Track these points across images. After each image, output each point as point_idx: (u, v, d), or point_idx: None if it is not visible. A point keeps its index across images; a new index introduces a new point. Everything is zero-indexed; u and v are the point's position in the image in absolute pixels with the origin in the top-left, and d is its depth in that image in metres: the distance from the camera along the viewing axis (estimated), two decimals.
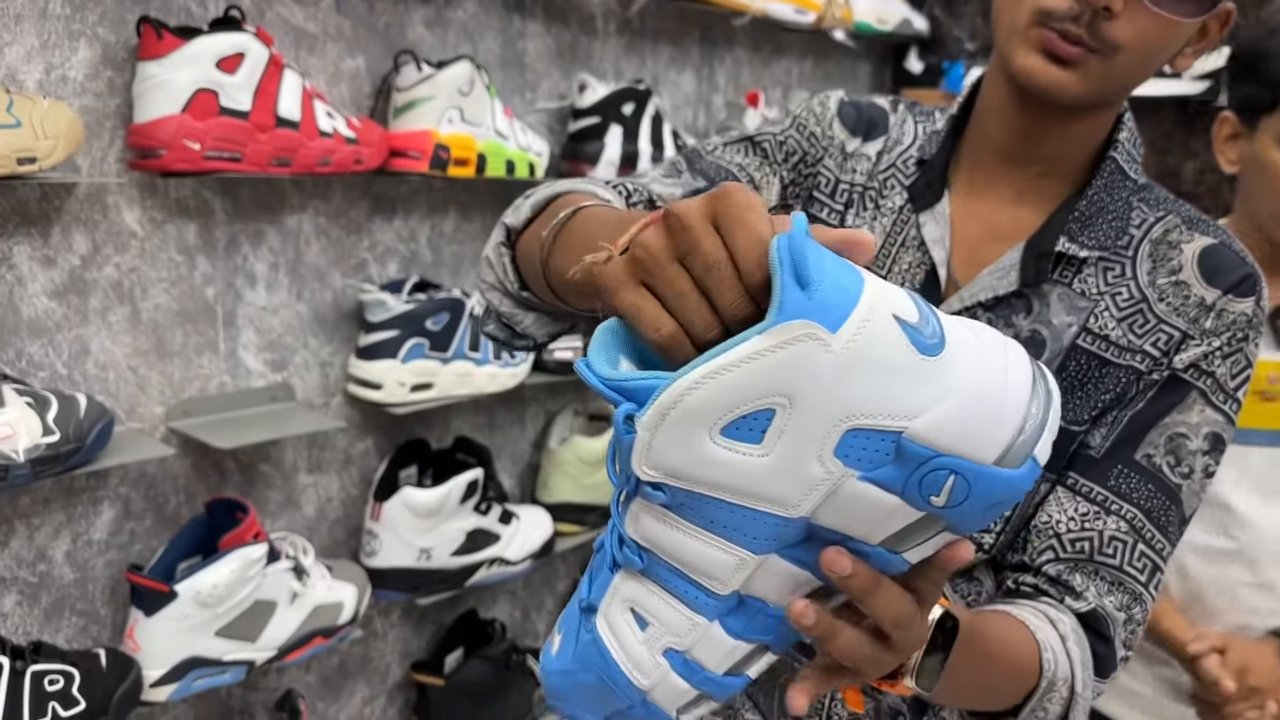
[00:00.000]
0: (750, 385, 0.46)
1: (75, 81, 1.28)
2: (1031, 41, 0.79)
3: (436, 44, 1.66)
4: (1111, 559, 0.82)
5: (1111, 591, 0.83)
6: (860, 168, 0.93)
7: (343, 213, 1.59)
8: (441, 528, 1.63)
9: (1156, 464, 0.83)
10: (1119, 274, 0.86)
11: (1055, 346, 0.85)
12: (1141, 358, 0.84)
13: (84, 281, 1.32)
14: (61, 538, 1.36)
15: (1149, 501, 0.83)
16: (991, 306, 0.86)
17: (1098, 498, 0.84)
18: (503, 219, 0.77)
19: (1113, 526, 0.83)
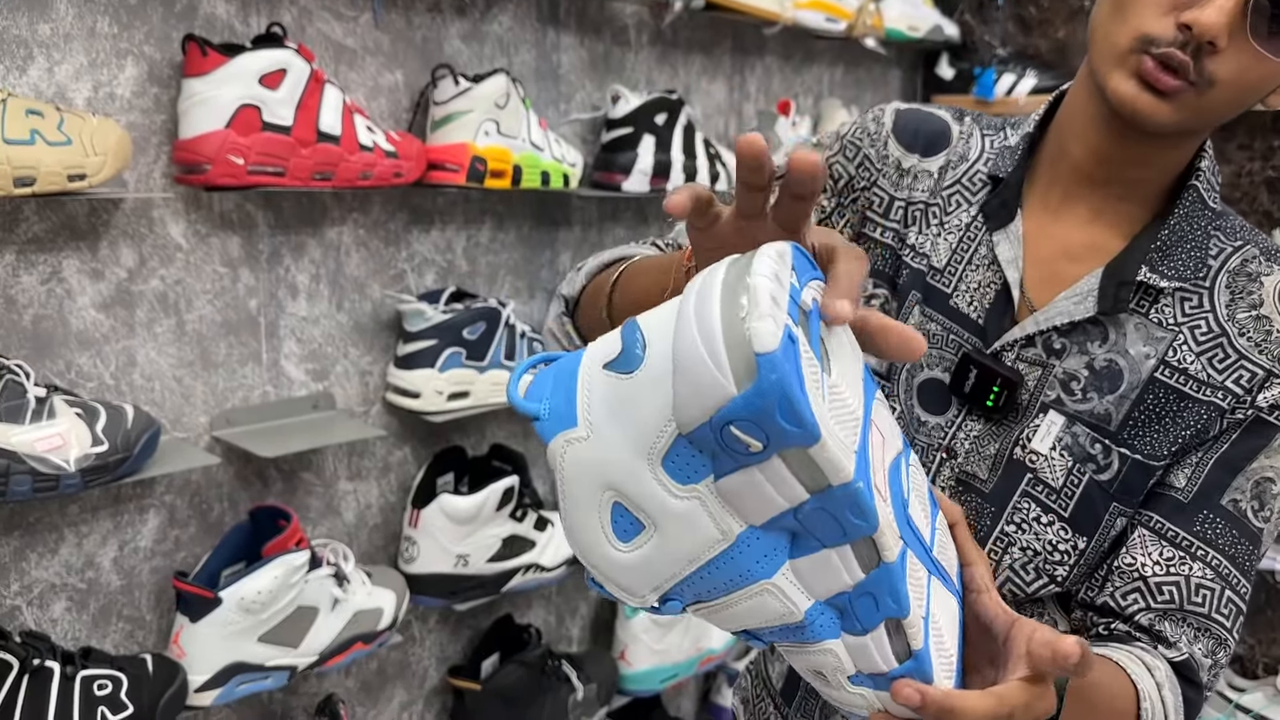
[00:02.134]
0: (586, 496, 0.53)
1: (122, 99, 1.31)
2: (1129, 67, 0.78)
3: (473, 57, 1.69)
4: (1200, 608, 0.82)
5: (1199, 638, 0.82)
6: (922, 185, 0.91)
7: (381, 224, 1.61)
8: (478, 534, 1.65)
9: (1242, 509, 0.83)
10: (1196, 305, 0.84)
11: (1133, 378, 0.84)
12: (1224, 394, 0.83)
13: (130, 294, 1.35)
14: (109, 545, 1.39)
15: (1234, 548, 0.83)
16: (1066, 332, 0.86)
17: (1183, 543, 0.83)
18: (559, 291, 0.82)
19: (1199, 573, 0.82)
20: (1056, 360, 0.86)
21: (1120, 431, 0.85)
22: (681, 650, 2.08)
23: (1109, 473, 0.85)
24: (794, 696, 1.03)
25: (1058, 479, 0.86)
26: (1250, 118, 2.37)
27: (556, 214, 1.89)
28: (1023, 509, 0.86)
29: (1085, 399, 0.85)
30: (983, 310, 0.89)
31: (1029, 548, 0.87)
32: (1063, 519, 0.86)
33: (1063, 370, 0.86)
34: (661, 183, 1.88)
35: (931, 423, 0.90)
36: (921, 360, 0.91)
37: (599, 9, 1.88)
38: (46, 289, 1.28)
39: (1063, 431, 0.85)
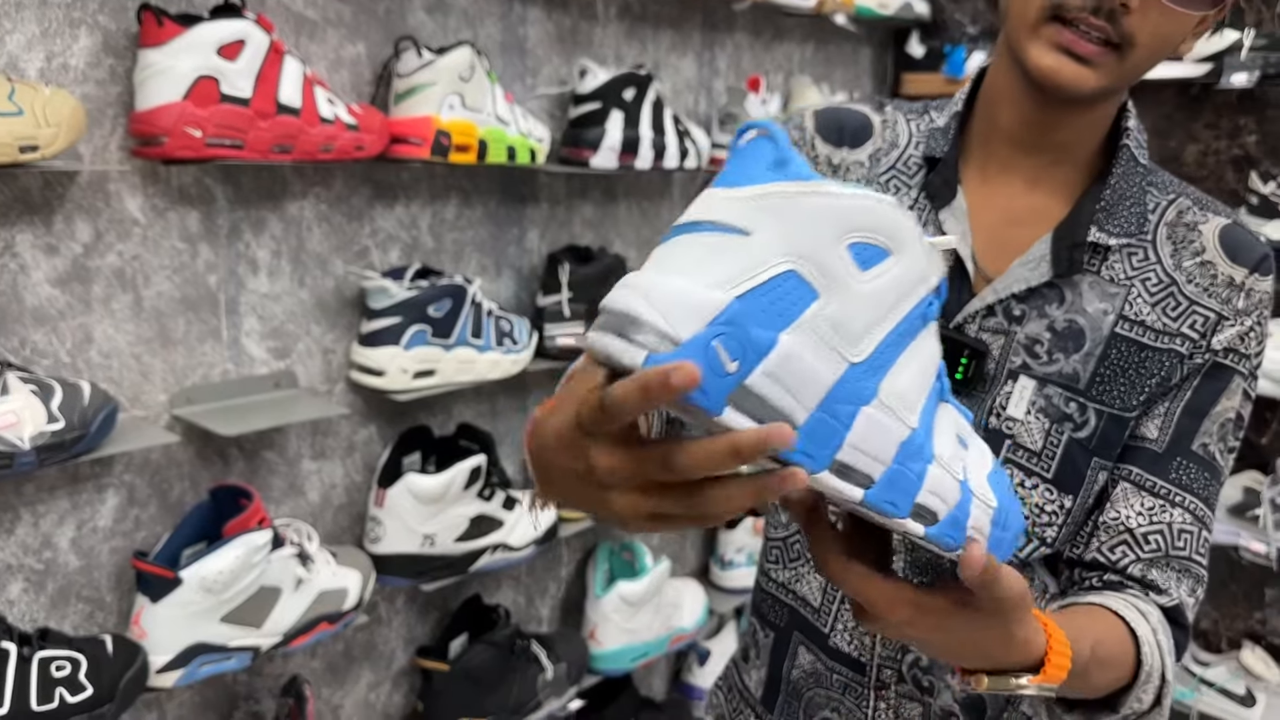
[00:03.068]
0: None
1: (77, 69, 1.28)
2: (1046, 38, 0.79)
3: (437, 30, 1.66)
4: (1183, 551, 0.86)
5: (1183, 580, 0.87)
6: (855, 175, 0.93)
7: (344, 199, 1.59)
8: (445, 514, 1.64)
9: (1211, 451, 0.87)
10: (1143, 259, 0.87)
11: (1095, 336, 0.86)
12: (1181, 340, 0.86)
13: (87, 269, 1.33)
14: (67, 525, 1.37)
15: (1205, 489, 0.87)
16: (1025, 298, 0.87)
17: (1161, 491, 0.87)
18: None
19: (1179, 518, 0.86)
20: (1018, 327, 0.87)
21: (1090, 388, 0.86)
22: (652, 629, 2.08)
23: (1087, 429, 0.87)
24: (775, 702, 1.03)
25: (1037, 442, 0.87)
26: (1217, 96, 2.38)
27: (524, 190, 1.87)
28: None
29: (1052, 360, 0.87)
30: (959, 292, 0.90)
31: None
32: (1046, 480, 0.88)
33: (1025, 335, 0.87)
34: (630, 158, 1.86)
35: None
36: None
37: None
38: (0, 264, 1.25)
39: (1035, 395, 0.87)
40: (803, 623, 1.00)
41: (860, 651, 0.96)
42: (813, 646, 0.99)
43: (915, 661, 0.94)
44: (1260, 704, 2.31)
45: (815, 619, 0.99)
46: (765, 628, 1.04)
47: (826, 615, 0.98)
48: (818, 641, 0.99)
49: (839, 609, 0.97)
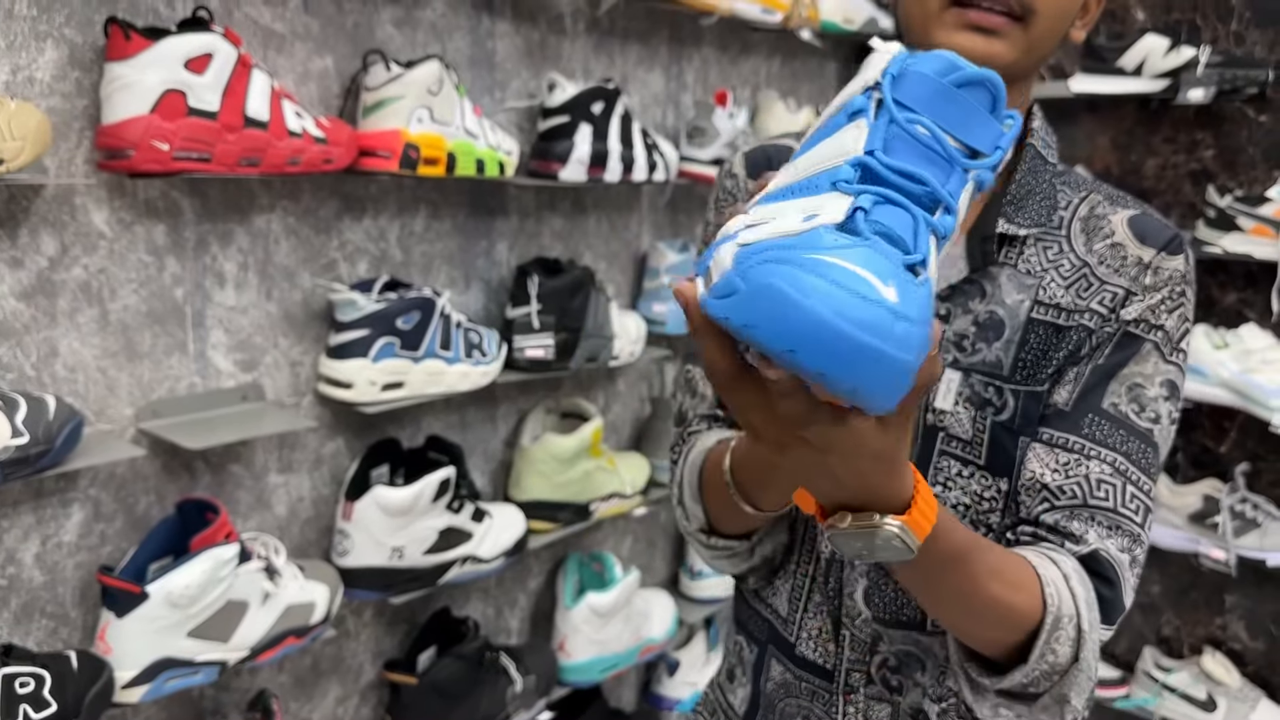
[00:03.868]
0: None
1: (42, 83, 1.27)
2: (949, 22, 0.83)
3: (405, 43, 1.67)
4: (1105, 502, 0.85)
5: (1111, 535, 0.84)
6: None
7: (312, 212, 1.59)
8: (413, 526, 1.64)
9: (1123, 411, 0.87)
10: (1057, 251, 0.91)
11: (1013, 323, 0.90)
12: (1090, 315, 0.89)
13: (52, 283, 1.32)
14: (31, 540, 1.36)
15: (1125, 445, 0.86)
16: (947, 296, 0.91)
17: (1075, 446, 0.87)
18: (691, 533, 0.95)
19: (1096, 470, 0.85)
20: (946, 325, 0.91)
21: (1014, 375, 0.89)
22: (621, 640, 2.08)
23: (1007, 411, 0.89)
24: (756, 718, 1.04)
25: (967, 431, 0.90)
26: (1175, 112, 2.43)
27: (493, 202, 1.88)
28: (943, 468, 0.91)
29: (975, 351, 0.90)
30: None
31: (959, 504, 0.90)
32: (980, 467, 0.90)
33: (953, 332, 0.91)
34: (599, 171, 1.87)
35: None
36: None
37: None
38: None
39: (961, 385, 0.90)
40: (775, 635, 1.02)
41: (826, 658, 0.97)
42: (782, 658, 1.01)
43: (884, 662, 0.95)
44: (1221, 709, 2.35)
45: (784, 629, 1.00)
46: (751, 643, 1.05)
47: (793, 625, 1.00)
48: (786, 652, 1.00)
49: (803, 617, 0.99)
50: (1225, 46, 2.35)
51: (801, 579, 0.99)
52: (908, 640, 0.94)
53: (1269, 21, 2.30)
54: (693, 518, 0.95)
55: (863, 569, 0.95)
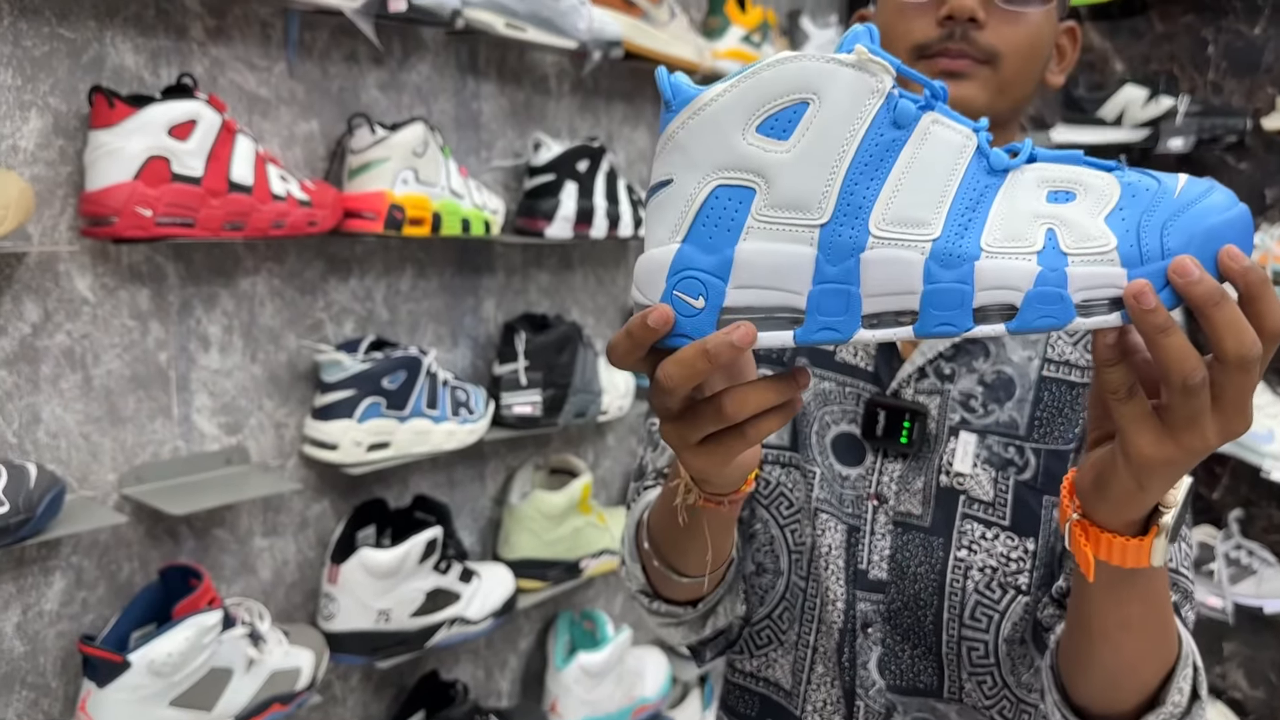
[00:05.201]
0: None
1: (26, 151, 1.28)
2: (923, 73, 0.85)
3: (391, 106, 1.68)
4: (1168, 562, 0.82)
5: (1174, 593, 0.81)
6: None
7: (297, 274, 1.59)
8: (400, 588, 1.62)
9: None
10: None
11: (1024, 382, 0.90)
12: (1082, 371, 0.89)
13: (35, 350, 1.31)
14: (11, 610, 1.34)
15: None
16: (951, 357, 0.91)
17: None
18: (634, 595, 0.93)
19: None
20: (951, 385, 0.91)
21: (1031, 433, 0.88)
22: (614, 700, 2.05)
23: (1029, 470, 0.88)
24: None
25: (988, 492, 0.89)
26: (1156, 161, 2.46)
27: (479, 261, 1.88)
28: (967, 531, 0.89)
29: (988, 412, 0.90)
30: (869, 357, 0.94)
31: (985, 567, 0.89)
32: (1005, 528, 0.88)
33: (959, 392, 0.91)
34: (585, 228, 1.88)
35: (853, 475, 0.93)
36: (826, 419, 0.94)
37: (519, 58, 1.89)
38: None
39: (978, 447, 0.89)
40: (775, 708, 1.00)
41: None
42: None
43: None
44: None
45: (788, 702, 0.98)
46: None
47: (798, 698, 0.98)
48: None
49: (808, 690, 0.97)
50: (1204, 96, 2.38)
51: (804, 650, 0.97)
52: (924, 708, 0.93)
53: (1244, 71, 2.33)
54: (633, 578, 0.93)
55: (876, 637, 0.93)
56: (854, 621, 0.93)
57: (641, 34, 1.94)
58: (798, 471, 0.95)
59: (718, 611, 0.95)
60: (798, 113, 0.54)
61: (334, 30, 1.58)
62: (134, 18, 1.35)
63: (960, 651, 0.91)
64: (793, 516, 0.96)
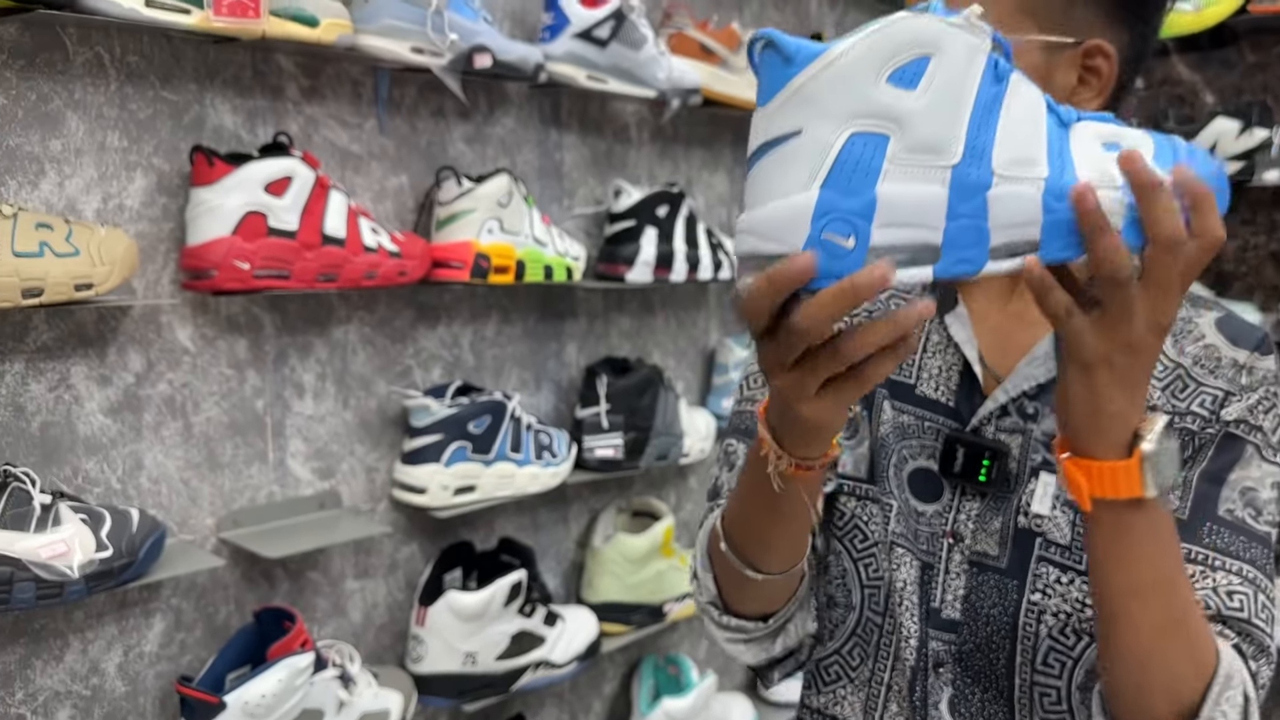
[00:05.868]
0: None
1: (131, 209, 1.34)
2: None
3: (476, 158, 1.73)
4: (1240, 612, 0.80)
5: (1244, 643, 0.80)
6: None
7: (387, 322, 1.63)
8: (486, 631, 1.63)
9: (1239, 517, 0.83)
10: None
11: None
12: (1192, 419, 0.86)
13: (138, 398, 1.37)
14: (114, 650, 1.38)
15: (1249, 551, 0.82)
16: (1035, 395, 0.89)
17: (1198, 557, 0.82)
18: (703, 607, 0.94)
19: (1224, 581, 0.81)
20: (1034, 424, 0.88)
21: None
22: None
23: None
24: None
25: (1066, 535, 0.86)
26: (1252, 193, 2.39)
27: (562, 306, 1.91)
28: (1043, 575, 0.87)
29: None
30: (950, 392, 0.93)
31: (1060, 612, 0.86)
32: (1081, 574, 0.86)
33: (1041, 432, 0.88)
34: (665, 272, 1.90)
35: (930, 511, 0.92)
36: (904, 453, 0.93)
37: (599, 108, 1.93)
38: (54, 396, 1.30)
39: (1059, 489, 0.87)
40: None
41: None
42: None
43: None
44: None
45: None
46: None
47: None
48: None
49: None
50: None
51: (877, 688, 0.96)
52: None
53: None
54: (703, 590, 0.93)
55: (947, 677, 0.91)
56: (926, 660, 0.91)
57: (720, 81, 1.96)
58: (875, 505, 0.94)
59: (788, 629, 0.94)
60: (922, 65, 0.59)
61: (422, 87, 1.63)
62: (232, 79, 1.42)
63: (1033, 697, 0.88)
64: (867, 550, 0.95)
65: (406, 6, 1.45)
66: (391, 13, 1.44)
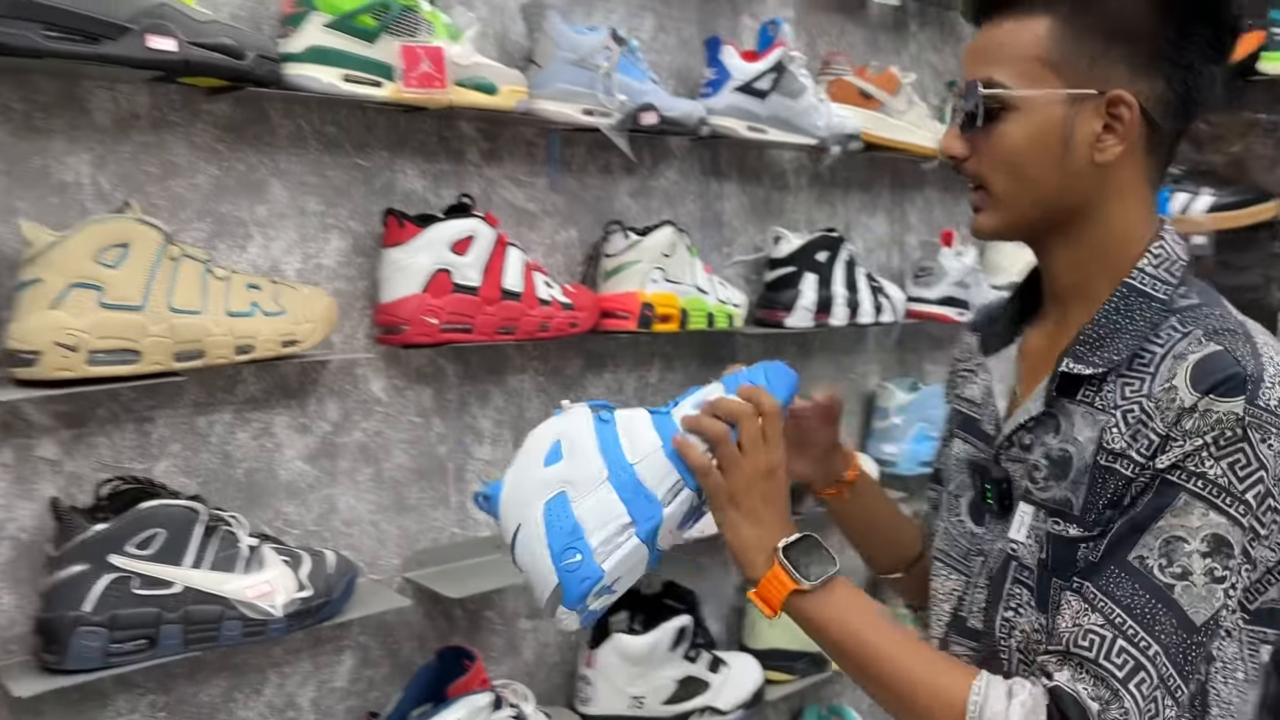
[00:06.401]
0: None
1: (329, 268, 1.44)
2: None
3: (641, 211, 1.78)
4: (1087, 652, 0.82)
5: (1083, 680, 0.82)
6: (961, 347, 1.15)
7: (559, 370, 1.69)
8: (652, 675, 1.66)
9: (1149, 565, 0.83)
10: (1136, 389, 0.88)
11: (1080, 464, 0.90)
12: (1127, 463, 0.86)
13: (334, 445, 1.46)
14: (308, 685, 1.47)
15: (1131, 599, 0.83)
16: (1031, 428, 0.95)
17: (1088, 595, 0.85)
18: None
19: (1092, 621, 0.83)
20: (1030, 454, 0.94)
21: (1085, 516, 0.89)
22: None
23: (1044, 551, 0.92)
24: None
25: (1032, 562, 0.93)
26: None
27: (722, 351, 1.94)
28: (1015, 594, 0.94)
29: (1046, 488, 0.92)
30: (995, 426, 1.02)
31: (1023, 630, 0.93)
32: (1035, 602, 0.92)
33: (1032, 462, 0.94)
34: (825, 317, 1.91)
35: (979, 531, 1.01)
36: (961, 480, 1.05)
37: (758, 157, 1.96)
38: (259, 444, 1.40)
39: (1034, 519, 0.93)
40: None
41: None
42: None
43: None
44: None
45: None
46: None
47: None
48: None
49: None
50: None
51: None
52: None
53: None
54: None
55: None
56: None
57: (880, 124, 1.96)
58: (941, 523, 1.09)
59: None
60: (558, 445, 0.97)
61: (590, 145, 1.69)
62: (419, 146, 1.51)
63: None
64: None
65: (579, 71, 1.52)
66: (564, 78, 1.51)
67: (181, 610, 1.21)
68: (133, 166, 1.27)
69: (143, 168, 1.28)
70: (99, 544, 1.16)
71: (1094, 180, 0.90)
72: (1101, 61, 0.88)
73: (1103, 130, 0.89)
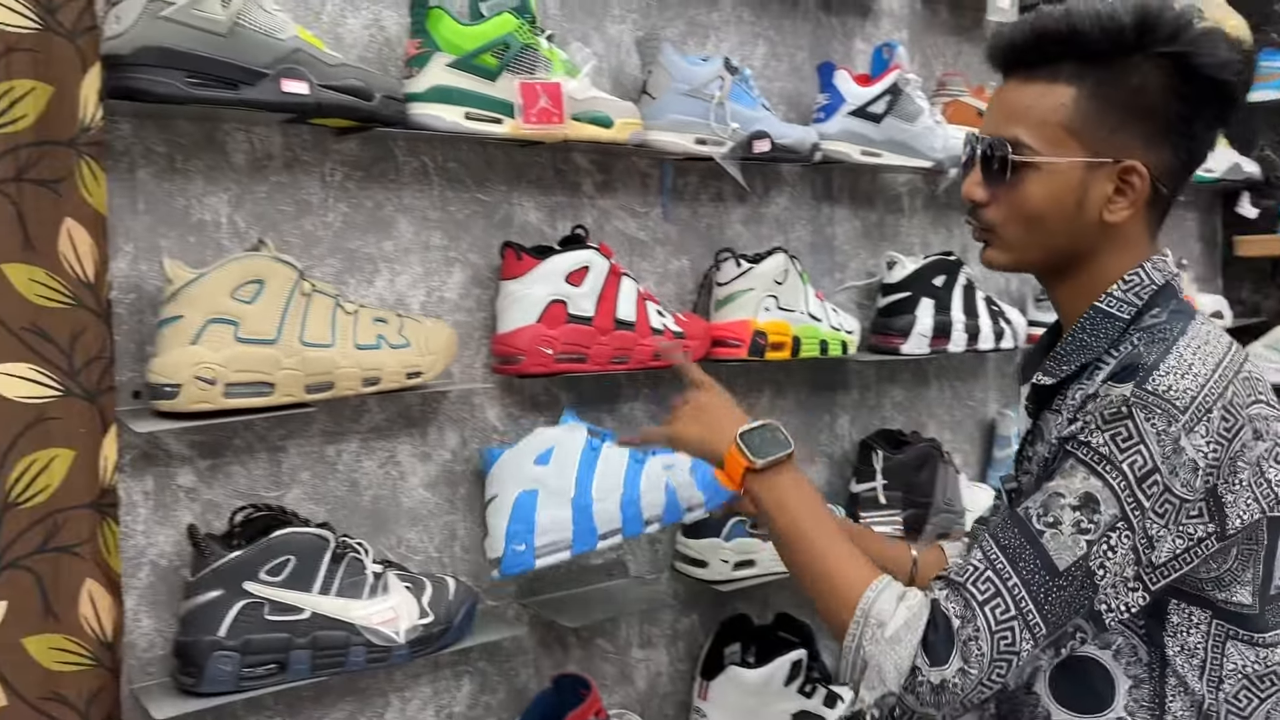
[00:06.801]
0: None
1: (450, 301, 1.47)
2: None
3: (752, 238, 1.77)
4: (959, 576, 0.96)
5: (954, 600, 0.95)
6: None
7: (668, 399, 1.69)
8: (767, 709, 1.64)
9: (1029, 514, 0.96)
10: (1085, 390, 1.01)
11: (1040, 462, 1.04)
12: (1046, 446, 1.04)
13: (453, 473, 1.49)
14: (428, 710, 1.49)
15: (1007, 540, 0.96)
16: (1032, 442, 1.10)
17: (981, 538, 0.98)
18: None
19: (974, 556, 0.97)
20: (1030, 465, 1.08)
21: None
22: None
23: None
24: None
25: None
26: None
27: (834, 378, 1.91)
28: None
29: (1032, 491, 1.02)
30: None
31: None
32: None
33: (1031, 471, 1.08)
34: (942, 343, 1.87)
35: None
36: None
37: (871, 181, 1.94)
38: (383, 471, 1.43)
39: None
40: None
41: None
42: None
43: None
44: None
45: None
46: None
47: None
48: None
49: None
50: None
51: None
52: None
53: None
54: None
55: None
56: None
57: None
58: None
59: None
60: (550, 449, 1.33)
61: (703, 173, 1.70)
62: (536, 180, 1.53)
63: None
64: None
65: (692, 101, 1.52)
66: (677, 108, 1.52)
67: (310, 636, 1.24)
68: (267, 205, 1.33)
69: (277, 206, 1.33)
70: (233, 571, 1.21)
71: (1101, 235, 1.03)
72: (1120, 133, 1.00)
73: (1114, 193, 1.02)
